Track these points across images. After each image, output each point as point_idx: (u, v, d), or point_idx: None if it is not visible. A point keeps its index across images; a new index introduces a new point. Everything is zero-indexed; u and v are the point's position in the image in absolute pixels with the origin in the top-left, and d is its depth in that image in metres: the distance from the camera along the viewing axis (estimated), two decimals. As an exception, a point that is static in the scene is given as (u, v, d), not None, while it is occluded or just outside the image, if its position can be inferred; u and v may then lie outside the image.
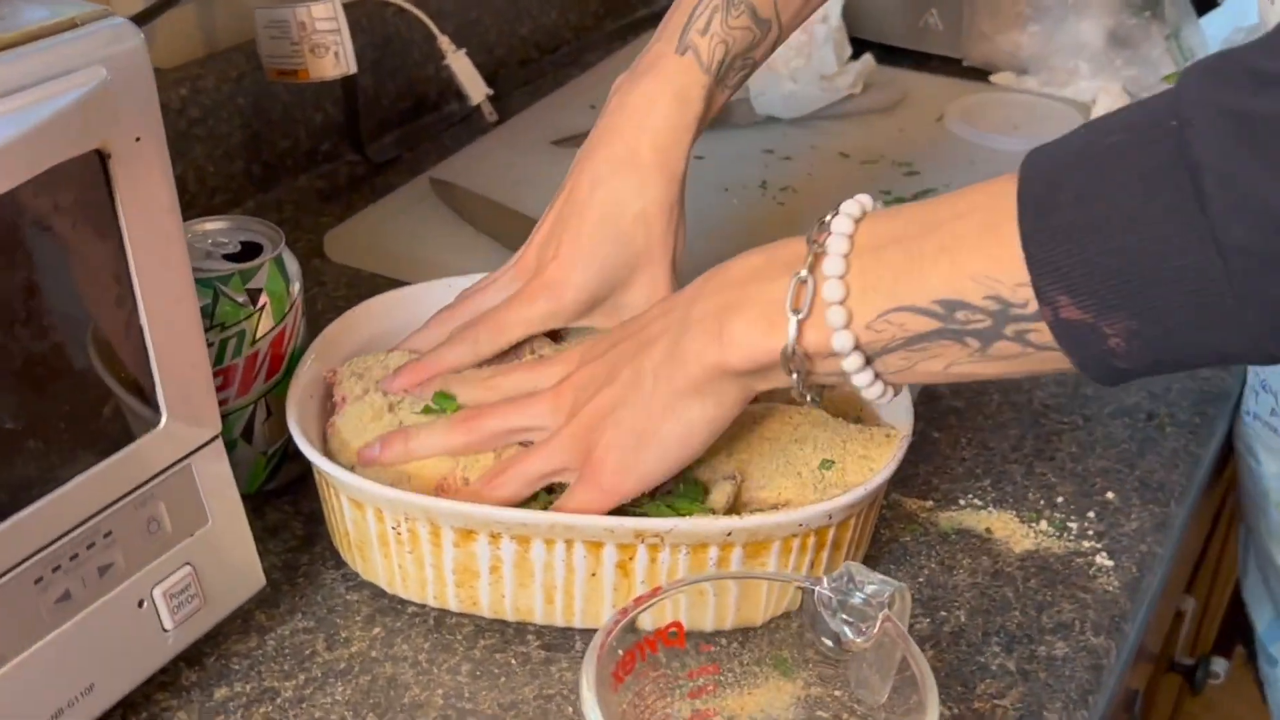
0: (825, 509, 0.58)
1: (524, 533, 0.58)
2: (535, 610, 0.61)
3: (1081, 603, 0.65)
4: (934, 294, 0.48)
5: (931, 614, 0.64)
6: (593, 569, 0.59)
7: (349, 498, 0.61)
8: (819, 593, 0.52)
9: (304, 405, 0.64)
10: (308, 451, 0.61)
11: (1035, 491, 0.73)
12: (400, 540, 0.60)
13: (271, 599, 0.64)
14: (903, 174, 1.06)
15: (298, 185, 1.01)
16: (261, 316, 0.65)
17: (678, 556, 0.58)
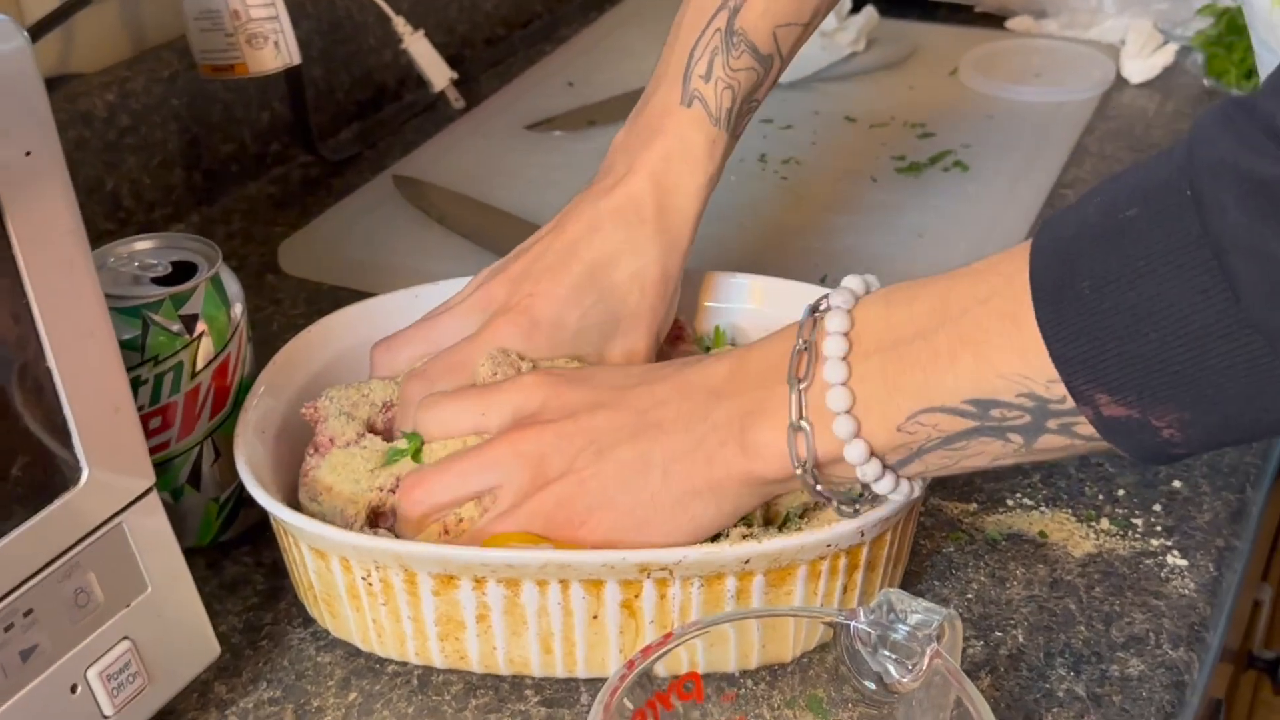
0: (856, 525, 0.53)
1: (512, 574, 0.53)
2: (532, 662, 0.56)
3: (1155, 611, 0.61)
4: (964, 394, 0.48)
5: (985, 635, 0.60)
6: (594, 611, 0.54)
7: (310, 546, 0.56)
8: (855, 628, 0.48)
9: (254, 444, 0.60)
10: (259, 495, 0.56)
11: (1092, 485, 0.68)
12: (372, 592, 0.56)
13: (232, 667, 0.59)
14: (916, 135, 1.01)
15: (246, 193, 0.97)
16: (200, 345, 0.60)
17: (690, 590, 0.54)
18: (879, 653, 0.48)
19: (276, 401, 0.63)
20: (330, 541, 0.55)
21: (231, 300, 0.62)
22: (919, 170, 0.96)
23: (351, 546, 0.55)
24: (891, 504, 0.54)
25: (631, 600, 0.54)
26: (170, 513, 0.61)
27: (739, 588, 0.54)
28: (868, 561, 0.56)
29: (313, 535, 0.55)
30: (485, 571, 0.54)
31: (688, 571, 0.53)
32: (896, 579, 0.60)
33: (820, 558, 0.54)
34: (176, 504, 0.63)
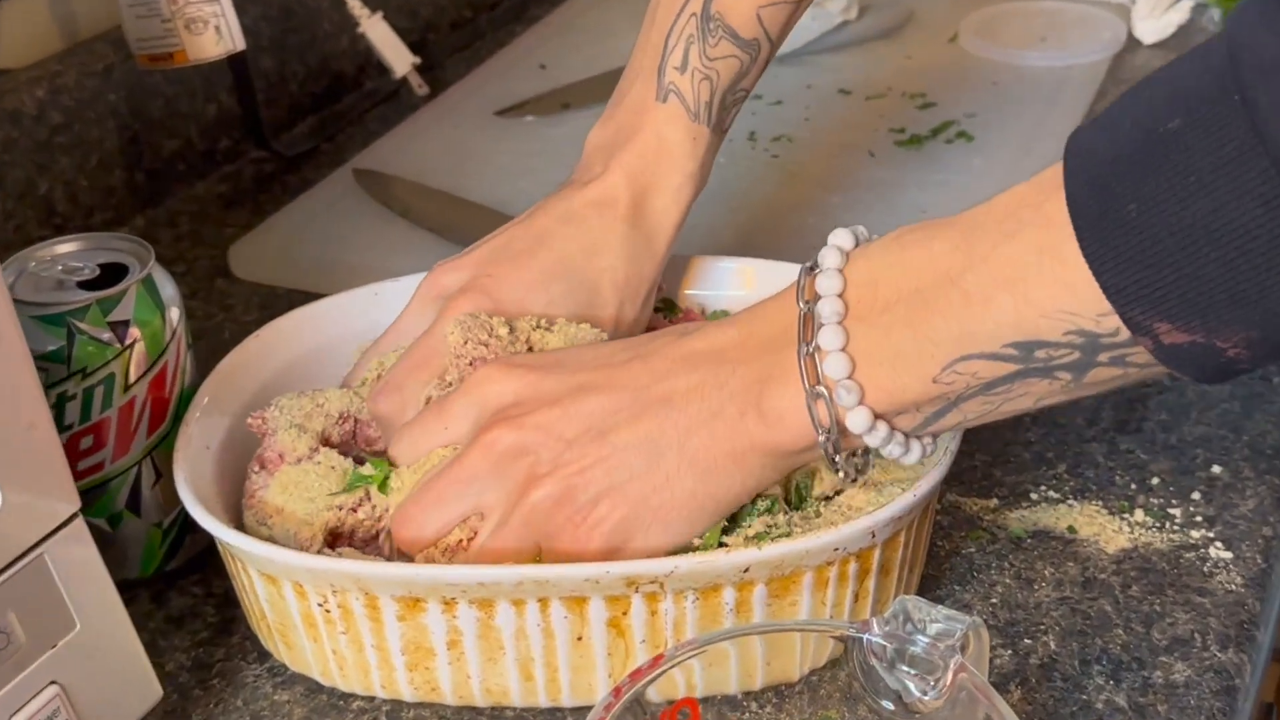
0: (866, 525, 0.50)
1: (484, 594, 0.50)
2: (511, 691, 0.53)
3: (1199, 609, 0.57)
4: (1004, 338, 0.45)
5: (1013, 643, 0.57)
6: (577, 631, 0.51)
7: (260, 572, 0.53)
8: (869, 641, 0.44)
9: (197, 461, 0.56)
10: (201, 516, 0.53)
11: (1123, 474, 0.65)
12: (330, 619, 0.52)
13: (179, 709, 0.56)
14: (916, 106, 0.98)
15: (194, 193, 0.93)
16: (133, 355, 0.57)
17: (684, 605, 0.50)
18: (896, 668, 0.44)
19: (221, 414, 0.60)
20: (281, 565, 0.51)
21: (167, 303, 0.58)
22: (920, 143, 0.93)
23: (305, 570, 0.51)
24: (901, 501, 0.50)
25: (619, 618, 0.51)
26: (108, 541, 0.59)
27: (738, 600, 0.50)
28: (880, 565, 0.52)
29: (261, 559, 0.52)
30: (454, 592, 0.50)
31: (680, 584, 0.50)
32: (913, 585, 0.57)
33: (828, 563, 0.50)
34: (115, 531, 0.60)
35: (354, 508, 0.55)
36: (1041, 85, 1.00)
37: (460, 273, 0.61)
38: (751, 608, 0.51)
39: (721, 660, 0.48)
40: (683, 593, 0.50)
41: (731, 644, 0.47)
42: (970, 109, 0.97)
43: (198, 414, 0.59)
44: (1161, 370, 0.45)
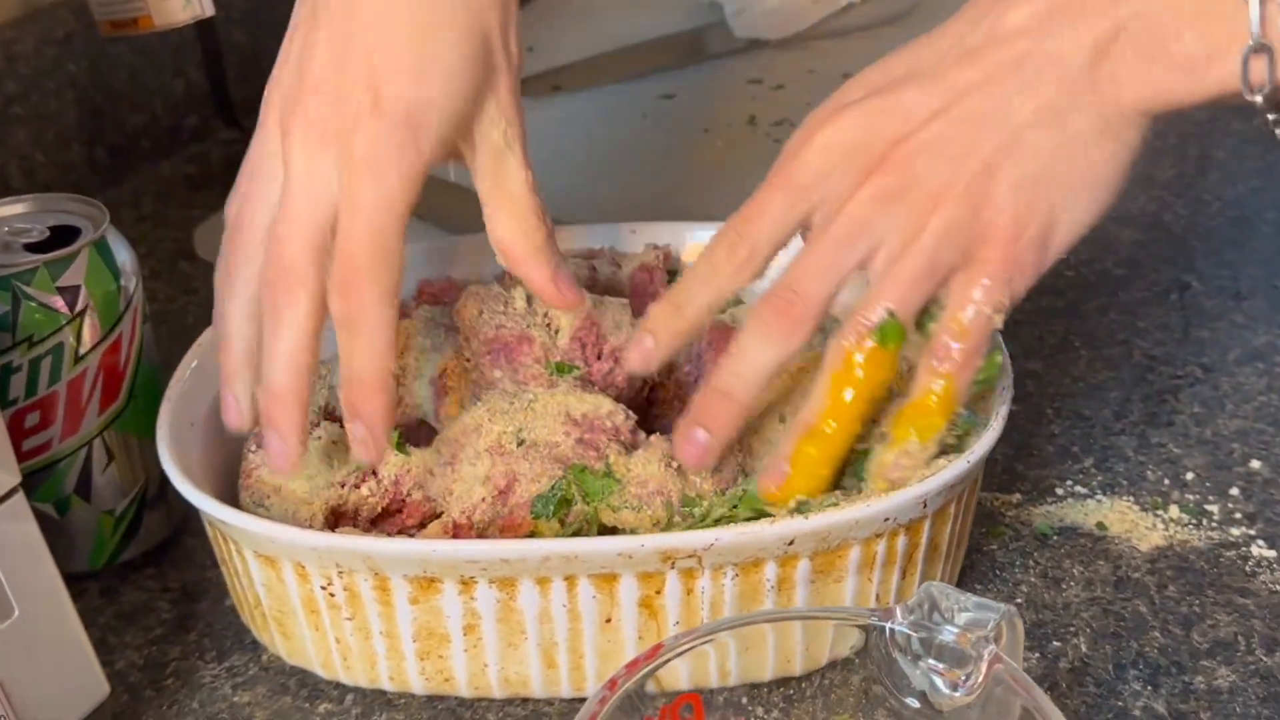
0: (918, 493, 0.47)
1: (507, 573, 0.47)
2: (532, 680, 0.50)
3: (1242, 611, 0.54)
4: None
5: (1041, 646, 0.54)
6: (606, 613, 0.48)
7: (256, 552, 0.49)
8: (892, 630, 0.41)
9: (181, 432, 0.53)
10: (187, 490, 0.50)
11: (1155, 468, 0.62)
12: (334, 604, 0.49)
13: (130, 711, 0.53)
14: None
15: (158, 173, 0.90)
16: (84, 323, 0.54)
17: (722, 583, 0.47)
18: (922, 661, 0.41)
19: (208, 384, 0.56)
20: (281, 544, 0.48)
21: (122, 269, 0.55)
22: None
23: (308, 548, 0.48)
24: (957, 467, 0.48)
25: (652, 597, 0.47)
26: (55, 530, 0.55)
27: (780, 576, 0.47)
28: (929, 542, 0.50)
29: (259, 538, 0.49)
30: (474, 570, 0.47)
31: (720, 558, 0.47)
32: (956, 572, 0.54)
33: (876, 535, 0.48)
34: (62, 519, 0.56)
35: (357, 484, 0.52)
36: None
37: (307, 93, 0.48)
38: (795, 586, 0.47)
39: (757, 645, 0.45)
40: (721, 569, 0.47)
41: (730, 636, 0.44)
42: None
43: (181, 384, 0.55)
44: None
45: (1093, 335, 0.71)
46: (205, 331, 0.58)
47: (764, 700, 0.50)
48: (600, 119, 0.94)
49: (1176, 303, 0.73)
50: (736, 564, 0.47)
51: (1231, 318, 0.72)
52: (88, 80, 0.85)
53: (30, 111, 0.82)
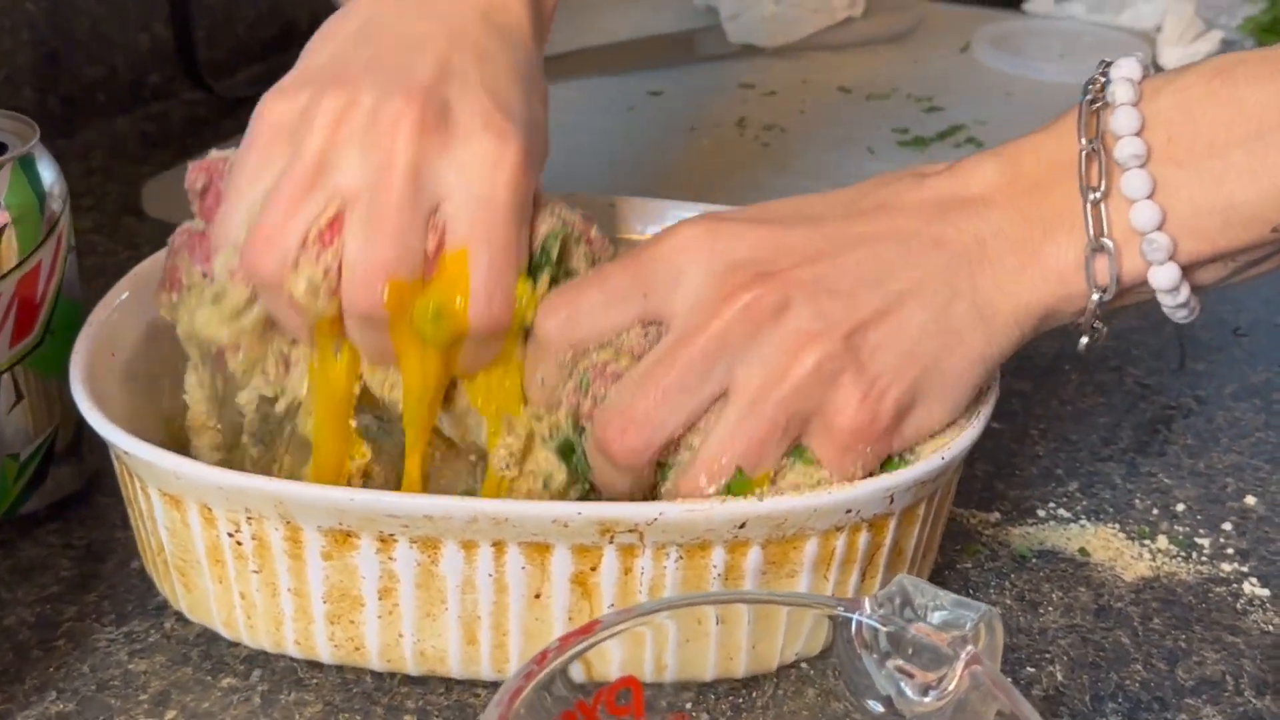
0: (885, 485, 0.44)
1: (430, 532, 0.43)
2: (450, 656, 0.46)
3: (1231, 649, 0.51)
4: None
5: (1014, 671, 0.50)
6: (536, 587, 0.44)
7: (160, 490, 0.45)
8: (859, 623, 0.37)
9: (99, 365, 0.49)
10: (94, 417, 0.46)
11: (1144, 498, 0.59)
12: (241, 553, 0.45)
13: (12, 671, 0.48)
14: (922, 110, 0.93)
15: (113, 128, 0.86)
16: (1, 243, 0.49)
17: (664, 563, 0.43)
18: (890, 660, 0.37)
19: (136, 318, 0.52)
20: (188, 482, 0.44)
21: (48, 189, 0.51)
22: (924, 144, 0.87)
23: (215, 488, 0.44)
24: (930, 462, 0.44)
25: (586, 574, 0.43)
26: (-51, 469, 0.51)
27: (728, 564, 0.43)
28: (894, 543, 0.46)
29: (164, 474, 0.44)
30: (394, 526, 0.43)
31: (663, 535, 0.42)
32: (925, 576, 0.50)
33: (836, 528, 0.43)
34: (-40, 459, 0.52)
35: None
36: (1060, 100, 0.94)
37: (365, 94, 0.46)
38: (743, 575, 0.43)
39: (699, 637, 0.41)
40: (664, 548, 0.43)
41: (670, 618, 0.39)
42: (982, 116, 0.91)
43: (109, 311, 0.51)
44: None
45: (1083, 359, 0.68)
46: (142, 263, 0.54)
47: (710, 707, 0.46)
48: (586, 109, 0.91)
49: (1173, 334, 0.70)
50: (681, 544, 0.43)
51: (1230, 351, 0.69)
52: (46, 24, 0.81)
53: (-18, 49, 0.78)
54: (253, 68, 0.96)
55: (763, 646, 0.44)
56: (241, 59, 0.95)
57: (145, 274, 0.54)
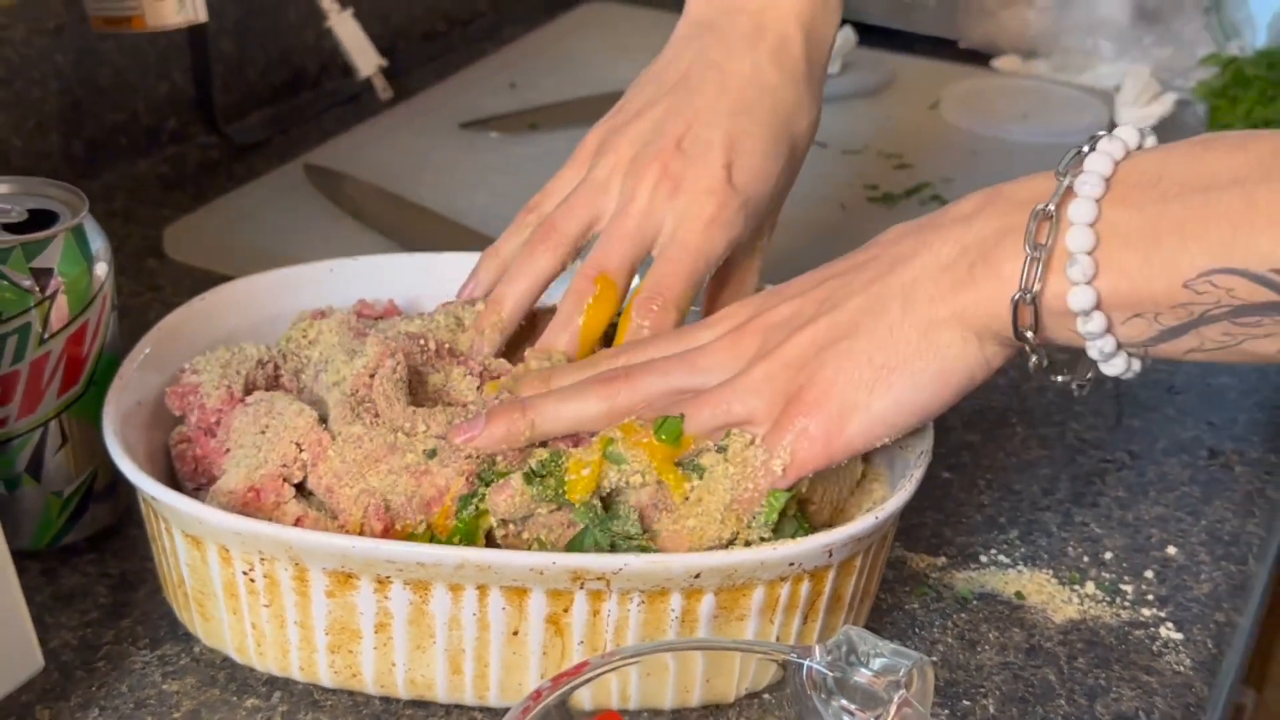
0: (823, 542, 0.50)
1: (422, 575, 0.49)
2: (437, 684, 0.52)
3: (1146, 688, 0.57)
4: (1274, 260, 0.44)
5: (951, 703, 0.56)
6: (514, 625, 0.50)
7: (183, 532, 0.51)
8: (809, 668, 0.43)
9: (128, 412, 0.55)
10: (127, 467, 0.51)
11: (1076, 545, 0.65)
12: (254, 589, 0.51)
13: (59, 689, 0.54)
14: (892, 166, 0.98)
15: (134, 170, 0.92)
16: (53, 306, 0.55)
17: (628, 608, 0.49)
18: (835, 700, 0.43)
19: (159, 371, 0.58)
20: (208, 526, 0.50)
21: (95, 257, 0.57)
22: (894, 201, 0.93)
23: (233, 533, 0.50)
24: (865, 520, 0.50)
25: (559, 615, 0.49)
26: (2, 506, 0.57)
27: (685, 609, 0.49)
28: (833, 591, 0.52)
29: (187, 518, 0.50)
30: (390, 570, 0.49)
31: (627, 584, 0.49)
32: (863, 619, 0.56)
33: (781, 578, 0.50)
34: (10, 495, 0.58)
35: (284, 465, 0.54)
36: (1023, 160, 0.99)
37: (685, 157, 0.59)
38: (697, 619, 0.49)
39: (658, 671, 0.47)
40: (628, 594, 0.49)
41: (671, 657, 0.46)
42: (948, 174, 0.97)
43: (135, 366, 0.57)
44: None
45: (1030, 414, 0.74)
46: (165, 319, 0.60)
47: (681, 728, 0.52)
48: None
49: (1112, 391, 0.76)
50: (643, 591, 0.49)
51: (1163, 410, 0.75)
52: (73, 73, 0.87)
53: (13, 97, 0.83)
54: (263, 111, 1.01)
55: (721, 682, 0.50)
56: (252, 103, 1.00)
57: (168, 328, 0.60)
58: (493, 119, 1.01)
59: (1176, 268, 0.46)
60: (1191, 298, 0.46)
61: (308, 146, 0.96)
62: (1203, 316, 0.46)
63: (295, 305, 0.62)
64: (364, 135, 0.98)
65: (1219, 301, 0.46)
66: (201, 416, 0.55)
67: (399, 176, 0.92)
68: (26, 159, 0.85)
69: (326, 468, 0.52)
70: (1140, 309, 0.47)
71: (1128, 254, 0.47)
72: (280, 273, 0.65)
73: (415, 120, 1.01)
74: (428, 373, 0.56)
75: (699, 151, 0.59)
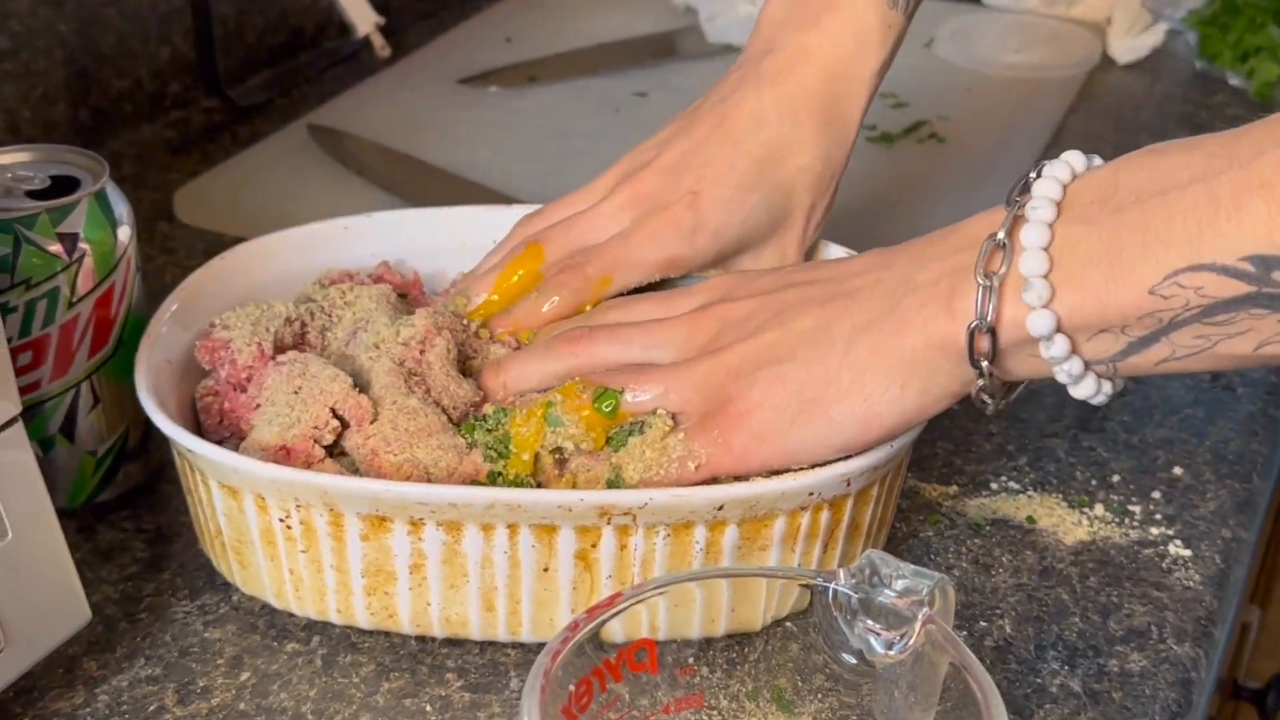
0: (842, 472, 0.51)
1: (454, 516, 0.50)
2: (471, 622, 0.53)
3: (1157, 603, 0.58)
4: (1244, 248, 0.43)
5: (969, 625, 0.57)
6: (544, 562, 0.51)
7: (220, 483, 0.52)
8: (835, 591, 0.45)
9: (159, 369, 0.56)
10: (161, 421, 0.53)
11: (1084, 470, 0.66)
12: (290, 536, 0.52)
13: (104, 641, 0.55)
14: (889, 106, 0.99)
15: (141, 136, 0.93)
16: (80, 270, 0.56)
17: (654, 541, 0.51)
18: (860, 622, 0.45)
19: (185, 328, 0.59)
20: (244, 475, 0.51)
21: (119, 221, 0.58)
22: (891, 140, 0.94)
23: (269, 481, 0.51)
24: (882, 450, 0.51)
25: (588, 551, 0.51)
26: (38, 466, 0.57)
27: (709, 540, 0.51)
28: (851, 520, 0.53)
29: (224, 468, 0.51)
30: (423, 512, 0.50)
31: (653, 518, 0.50)
32: (880, 546, 0.57)
33: (801, 508, 0.51)
34: (46, 456, 0.59)
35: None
36: (1015, 95, 1.02)
37: (657, 180, 0.61)
38: (721, 550, 0.51)
39: (686, 602, 0.48)
40: (654, 528, 0.50)
41: (697, 586, 0.47)
42: (944, 112, 0.98)
43: (163, 323, 0.58)
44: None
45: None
46: (189, 276, 0.61)
47: (709, 661, 0.54)
48: (573, 112, 0.97)
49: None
50: (669, 524, 0.50)
51: (1164, 335, 0.76)
52: (77, 42, 0.87)
53: (20, 68, 0.84)
54: (262, 73, 1.02)
55: (747, 610, 0.52)
56: (251, 66, 1.01)
57: (192, 286, 0.61)
58: (491, 73, 1.02)
59: (1140, 275, 0.44)
60: (1158, 304, 0.44)
61: (309, 107, 0.97)
62: (1172, 322, 0.45)
63: (313, 262, 0.64)
64: (364, 94, 0.99)
65: (1188, 303, 0.44)
66: (232, 371, 0.56)
67: (401, 134, 0.93)
68: (35, 128, 0.86)
69: (376, 430, 0.53)
70: (1107, 324, 0.46)
71: (1089, 270, 0.46)
72: (297, 231, 0.66)
73: (414, 77, 1.02)
74: (468, 354, 0.58)
75: (674, 176, 0.61)
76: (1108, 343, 0.47)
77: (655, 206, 0.61)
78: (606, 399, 0.53)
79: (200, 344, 0.58)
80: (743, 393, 0.52)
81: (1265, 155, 0.43)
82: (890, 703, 0.46)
